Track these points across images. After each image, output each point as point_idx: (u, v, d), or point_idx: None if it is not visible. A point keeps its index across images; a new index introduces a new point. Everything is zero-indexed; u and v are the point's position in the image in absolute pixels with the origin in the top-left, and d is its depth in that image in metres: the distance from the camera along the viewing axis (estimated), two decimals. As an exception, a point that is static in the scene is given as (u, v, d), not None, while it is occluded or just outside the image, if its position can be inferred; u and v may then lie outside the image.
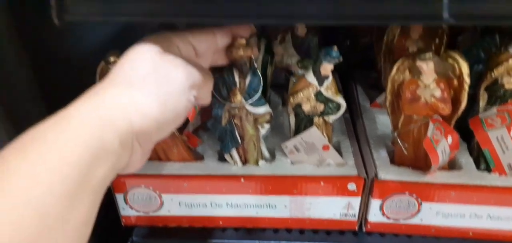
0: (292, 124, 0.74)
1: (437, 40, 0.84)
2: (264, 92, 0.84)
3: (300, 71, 0.84)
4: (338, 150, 0.77)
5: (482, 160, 0.74)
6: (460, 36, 0.87)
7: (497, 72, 0.70)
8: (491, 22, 0.52)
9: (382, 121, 0.84)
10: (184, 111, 0.49)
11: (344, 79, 1.00)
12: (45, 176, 0.35)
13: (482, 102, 0.74)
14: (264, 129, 0.74)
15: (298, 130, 0.74)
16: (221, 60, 0.62)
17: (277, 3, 0.49)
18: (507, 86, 0.70)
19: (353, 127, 0.85)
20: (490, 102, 0.73)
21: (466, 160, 0.74)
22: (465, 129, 0.76)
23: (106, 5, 0.49)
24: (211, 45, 0.57)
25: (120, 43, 0.59)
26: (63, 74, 0.68)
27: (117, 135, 0.41)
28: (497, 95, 0.72)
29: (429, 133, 0.66)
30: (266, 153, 0.77)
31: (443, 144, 0.67)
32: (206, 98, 0.55)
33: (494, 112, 0.72)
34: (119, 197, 0.74)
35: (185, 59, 0.49)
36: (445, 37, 0.82)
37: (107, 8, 0.49)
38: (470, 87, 0.72)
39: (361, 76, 1.02)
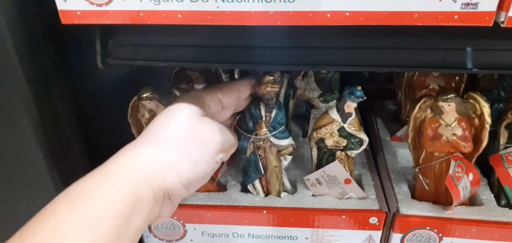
0: (315, 157, 0.76)
1: (457, 78, 0.86)
2: (286, 124, 0.87)
3: (323, 107, 0.87)
4: (360, 183, 0.78)
5: (502, 196, 0.75)
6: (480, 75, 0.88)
7: (516, 111, 0.71)
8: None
9: (402, 155, 0.85)
10: (212, 172, 0.52)
11: (364, 111, 1.01)
12: (91, 228, 0.39)
13: (502, 140, 0.75)
14: (287, 161, 0.76)
15: (320, 163, 0.75)
16: (242, 108, 0.67)
17: (302, 51, 0.52)
18: (527, 124, 0.71)
19: (374, 160, 0.86)
20: (511, 140, 0.74)
21: (487, 196, 0.75)
22: (485, 165, 0.77)
23: (144, 51, 0.53)
24: (235, 98, 0.62)
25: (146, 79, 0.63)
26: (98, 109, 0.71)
27: (152, 190, 0.44)
28: (517, 133, 0.73)
29: (450, 170, 0.67)
30: (288, 185, 0.79)
31: (465, 181, 0.68)
32: (228, 157, 0.58)
33: (515, 149, 0.73)
34: (144, 225, 0.76)
35: (217, 121, 0.53)
36: (465, 74, 0.84)
37: (145, 54, 0.52)
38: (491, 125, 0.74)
39: (381, 108, 1.03)
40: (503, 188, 0.74)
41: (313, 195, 0.76)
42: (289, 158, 0.76)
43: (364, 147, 0.73)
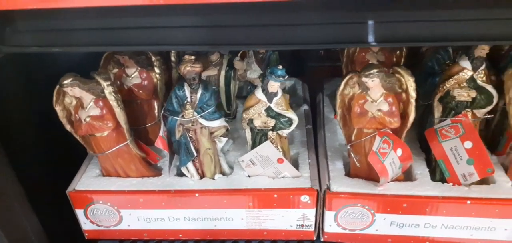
0: (249, 138, 0.75)
1: (398, 52, 0.85)
2: (229, 106, 0.86)
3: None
4: (296, 161, 0.78)
5: (437, 171, 0.75)
6: (424, 47, 0.87)
7: (448, 84, 0.71)
8: (414, 44, 0.53)
9: (343, 132, 0.85)
10: None
11: (315, 89, 1.01)
12: None
13: (437, 114, 0.74)
14: (222, 143, 0.76)
15: (254, 144, 0.75)
16: None
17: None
18: (458, 98, 0.71)
19: (315, 138, 0.86)
20: (445, 114, 0.74)
21: (422, 171, 0.75)
22: (425, 140, 0.77)
23: (44, 36, 0.51)
24: None
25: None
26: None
27: None
28: (450, 107, 0.72)
29: (374, 147, 0.67)
30: (225, 167, 0.78)
31: (392, 156, 0.67)
32: None
33: (448, 124, 0.73)
34: (80, 212, 0.76)
35: None
36: (404, 48, 0.83)
37: (47, 39, 0.51)
38: (428, 99, 0.74)
39: (331, 86, 1.02)
40: (437, 162, 0.74)
41: (248, 176, 0.75)
42: (224, 139, 0.75)
43: (293, 126, 0.72)
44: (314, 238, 0.77)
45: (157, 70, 0.76)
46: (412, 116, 0.67)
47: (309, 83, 1.06)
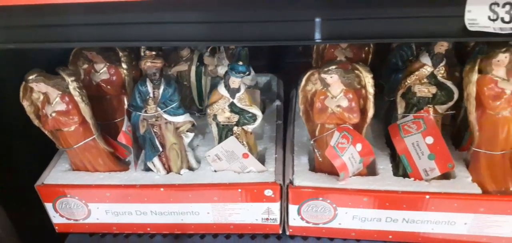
0: (215, 133, 0.76)
1: (366, 48, 0.86)
2: (201, 101, 0.87)
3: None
4: (263, 156, 0.79)
5: (401, 166, 0.76)
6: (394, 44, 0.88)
7: (410, 80, 0.72)
8: (361, 41, 0.54)
9: (312, 128, 0.86)
10: None
11: (291, 84, 1.02)
12: None
13: (400, 110, 0.75)
14: (188, 138, 0.77)
15: (220, 139, 0.76)
16: None
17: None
18: (419, 94, 0.72)
19: (286, 133, 0.87)
20: (407, 110, 0.75)
21: (385, 166, 0.76)
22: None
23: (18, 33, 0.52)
24: None
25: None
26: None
27: None
28: (412, 102, 0.73)
29: (332, 142, 0.68)
30: (193, 161, 0.79)
31: (351, 151, 0.68)
32: None
33: (411, 119, 0.74)
34: (49, 206, 0.77)
35: None
36: (371, 45, 0.84)
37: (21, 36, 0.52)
38: (393, 95, 0.75)
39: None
40: (400, 157, 0.75)
41: (215, 171, 0.77)
42: (191, 135, 0.77)
43: (258, 122, 0.73)
44: (280, 232, 0.78)
45: (124, 66, 0.77)
46: (371, 112, 0.68)
47: (287, 80, 1.06)
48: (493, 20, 0.50)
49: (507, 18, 0.50)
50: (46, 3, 0.49)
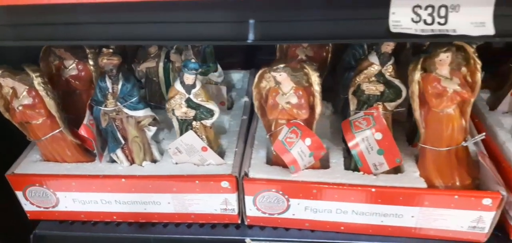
0: (176, 127, 0.80)
1: (327, 47, 0.89)
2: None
3: (202, 79, 0.91)
4: (222, 150, 0.83)
5: (352, 160, 0.79)
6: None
7: (359, 78, 0.75)
8: (291, 42, 0.57)
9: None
10: None
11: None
12: None
13: (352, 106, 0.79)
14: (151, 131, 0.81)
15: (181, 133, 0.80)
16: None
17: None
18: (367, 91, 0.75)
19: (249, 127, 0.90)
20: (359, 106, 0.78)
21: (337, 160, 0.79)
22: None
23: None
24: None
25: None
26: None
27: None
28: (362, 100, 0.76)
29: (280, 136, 0.71)
30: (156, 154, 0.83)
31: (300, 145, 0.72)
32: None
33: (361, 116, 0.77)
34: (19, 194, 0.81)
35: None
36: (330, 44, 0.87)
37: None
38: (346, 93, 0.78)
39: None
40: (351, 152, 0.78)
41: (176, 163, 0.80)
42: (153, 128, 0.80)
43: (216, 116, 0.77)
44: (239, 222, 0.82)
45: (91, 62, 0.81)
46: (318, 108, 0.72)
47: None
48: (416, 22, 0.53)
49: (429, 20, 0.53)
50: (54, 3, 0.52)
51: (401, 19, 0.53)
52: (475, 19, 0.51)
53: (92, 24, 0.58)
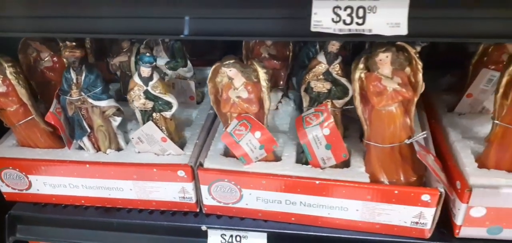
0: (139, 118, 0.85)
1: (290, 46, 0.93)
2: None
3: (171, 74, 0.96)
4: (184, 142, 0.88)
5: (304, 154, 0.83)
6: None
7: (308, 77, 0.79)
8: (229, 38, 0.61)
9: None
10: None
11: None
12: None
13: (305, 103, 0.83)
14: (116, 121, 0.86)
15: (143, 124, 0.85)
16: None
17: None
18: (315, 89, 0.79)
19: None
20: (311, 103, 0.82)
21: (289, 153, 0.83)
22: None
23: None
24: None
25: None
26: None
27: None
28: (312, 97, 0.80)
29: (229, 129, 0.76)
30: (122, 143, 0.89)
31: (249, 138, 0.76)
32: None
33: (312, 112, 0.81)
34: (-4, 176, 0.88)
35: None
36: (291, 43, 0.91)
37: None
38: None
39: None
40: (302, 146, 0.82)
41: (138, 152, 0.86)
42: (118, 118, 0.86)
43: (174, 109, 0.81)
44: (197, 210, 0.87)
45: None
46: (266, 104, 0.76)
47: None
48: (336, 22, 0.57)
49: (348, 20, 0.57)
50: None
51: (322, 19, 0.56)
52: (390, 20, 0.55)
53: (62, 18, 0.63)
